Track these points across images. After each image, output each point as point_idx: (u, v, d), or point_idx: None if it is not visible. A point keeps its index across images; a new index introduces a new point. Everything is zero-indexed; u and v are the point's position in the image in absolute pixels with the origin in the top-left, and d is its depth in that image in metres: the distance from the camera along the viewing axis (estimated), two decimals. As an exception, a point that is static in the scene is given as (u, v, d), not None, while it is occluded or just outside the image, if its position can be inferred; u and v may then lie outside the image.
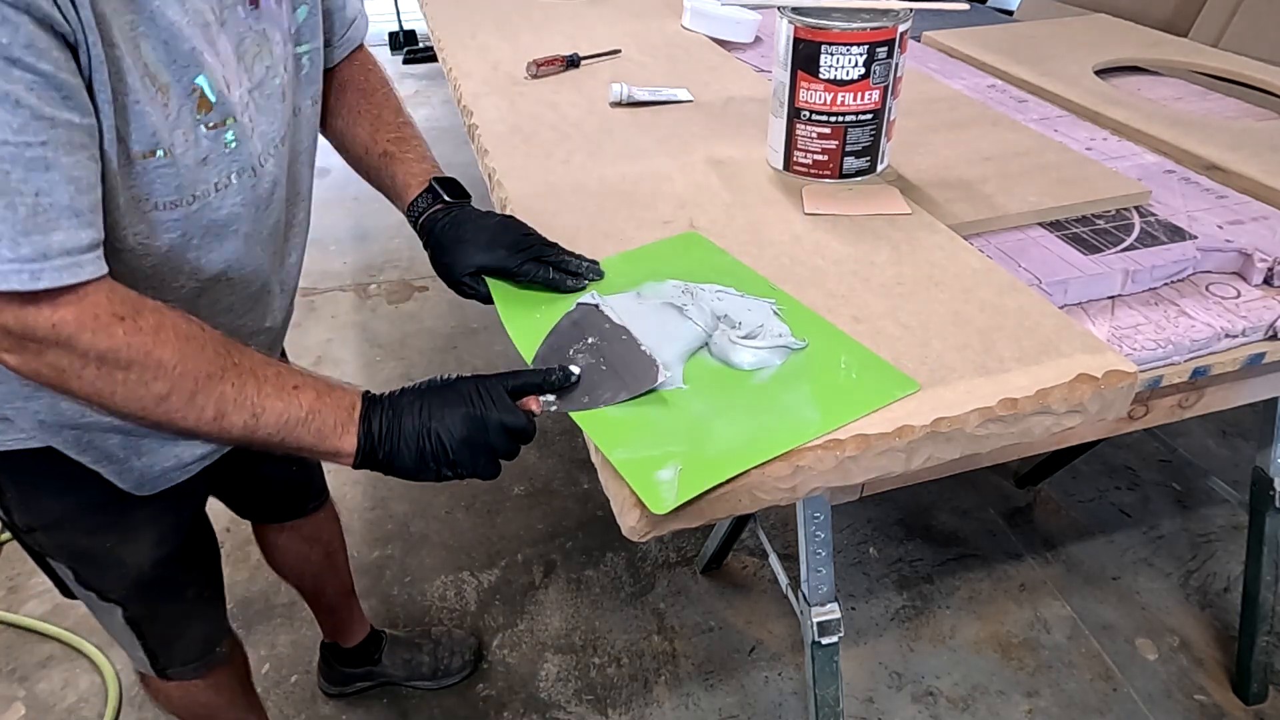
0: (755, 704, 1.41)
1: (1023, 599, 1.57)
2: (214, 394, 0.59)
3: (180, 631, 0.95)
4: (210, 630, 0.99)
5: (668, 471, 0.61)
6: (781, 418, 0.65)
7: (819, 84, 0.97)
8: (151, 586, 0.88)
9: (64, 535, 0.81)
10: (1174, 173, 1.13)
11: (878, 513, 1.76)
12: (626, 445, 0.64)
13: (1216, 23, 2.15)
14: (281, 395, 0.61)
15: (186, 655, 0.97)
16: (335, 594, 1.33)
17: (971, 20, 1.95)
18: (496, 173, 1.06)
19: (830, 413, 0.65)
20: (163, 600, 0.91)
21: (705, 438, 0.64)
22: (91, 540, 0.82)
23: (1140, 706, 1.38)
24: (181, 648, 0.96)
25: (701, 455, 0.62)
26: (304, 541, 1.23)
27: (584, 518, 1.76)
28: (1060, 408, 0.69)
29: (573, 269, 0.80)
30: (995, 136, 1.17)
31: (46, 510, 0.79)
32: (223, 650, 1.01)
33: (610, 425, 0.66)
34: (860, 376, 0.69)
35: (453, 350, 2.30)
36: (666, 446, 0.63)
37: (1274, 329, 0.87)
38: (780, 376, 0.69)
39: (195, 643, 0.98)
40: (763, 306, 0.77)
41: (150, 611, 0.90)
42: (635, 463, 0.62)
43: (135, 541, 0.84)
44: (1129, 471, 1.85)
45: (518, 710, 1.41)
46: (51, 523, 0.80)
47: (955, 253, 0.87)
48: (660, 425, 0.65)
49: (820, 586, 0.95)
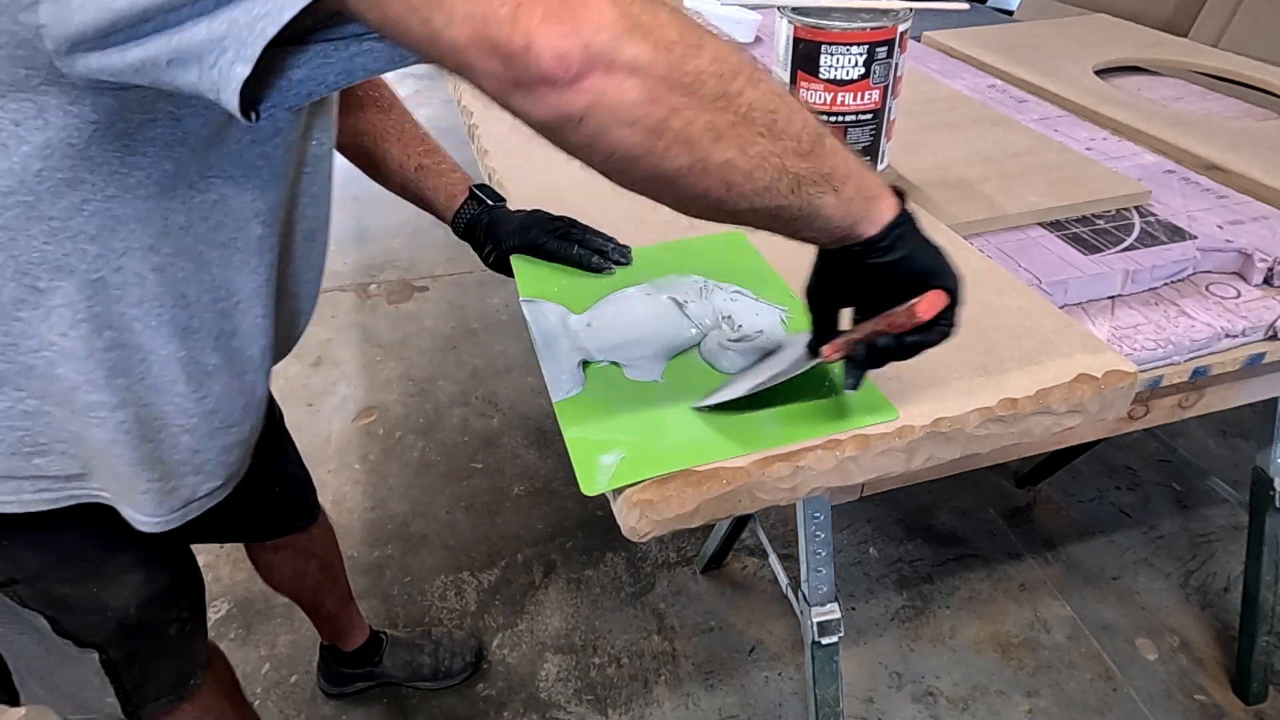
0: (755, 704, 1.41)
1: (1023, 599, 1.57)
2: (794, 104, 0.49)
3: (156, 670, 0.89)
4: (185, 665, 0.93)
5: (610, 457, 0.62)
6: (741, 425, 0.65)
7: (819, 84, 0.97)
8: (135, 628, 0.83)
9: (45, 585, 0.76)
10: (1174, 173, 1.13)
11: (878, 513, 1.76)
12: (582, 426, 0.66)
13: (1216, 23, 2.15)
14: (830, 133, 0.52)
15: (159, 691, 0.91)
16: (334, 604, 1.32)
17: (971, 20, 1.95)
18: (496, 173, 1.06)
19: (792, 428, 0.65)
20: (145, 640, 0.85)
21: (658, 432, 0.65)
22: (74, 588, 0.77)
23: (1140, 706, 1.38)
24: (154, 686, 0.90)
25: (648, 447, 0.63)
26: (299, 557, 1.20)
27: (584, 518, 1.76)
28: (1060, 408, 0.69)
29: (597, 247, 0.84)
30: (995, 136, 1.17)
31: (25, 562, 0.74)
32: (196, 681, 0.95)
33: (576, 407, 0.68)
34: (840, 397, 0.68)
35: (453, 350, 2.30)
36: (617, 434, 0.65)
37: (1274, 329, 0.87)
38: None
39: (168, 680, 0.91)
40: (772, 313, 0.77)
41: (130, 653, 0.85)
42: (583, 443, 0.64)
43: (120, 584, 0.80)
44: (1129, 471, 1.85)
45: (518, 710, 1.41)
46: (31, 574, 0.75)
47: (955, 253, 0.87)
48: (621, 414, 0.67)
49: (820, 586, 0.95)
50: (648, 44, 0.41)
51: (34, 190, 0.54)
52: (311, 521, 1.18)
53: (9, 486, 0.67)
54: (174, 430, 0.68)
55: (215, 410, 0.70)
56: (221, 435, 0.72)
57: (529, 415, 2.04)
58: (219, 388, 0.69)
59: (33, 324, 0.59)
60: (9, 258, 0.56)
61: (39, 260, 0.57)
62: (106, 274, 0.59)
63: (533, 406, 2.07)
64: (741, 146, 0.46)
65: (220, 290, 0.65)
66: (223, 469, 0.75)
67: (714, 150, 0.45)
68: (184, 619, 0.89)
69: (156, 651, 0.88)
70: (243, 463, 0.78)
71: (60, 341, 0.60)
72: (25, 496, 0.68)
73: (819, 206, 0.51)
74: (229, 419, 0.72)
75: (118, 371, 0.63)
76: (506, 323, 2.41)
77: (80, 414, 0.64)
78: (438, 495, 1.83)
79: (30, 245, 0.56)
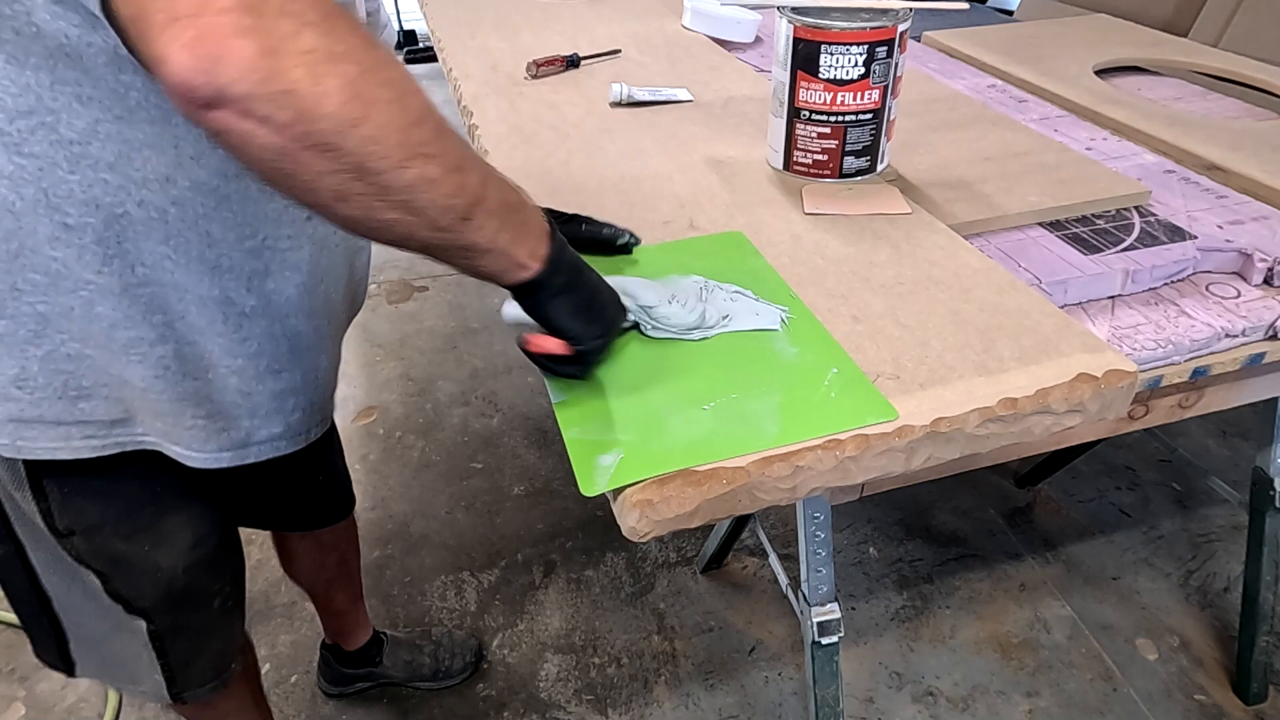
0: (755, 704, 1.41)
1: (1023, 599, 1.57)
2: (454, 138, 0.52)
3: (201, 648, 0.93)
4: (227, 646, 0.98)
5: (609, 457, 0.63)
6: (739, 425, 0.65)
7: (819, 84, 0.97)
8: (182, 594, 0.86)
9: (101, 539, 0.79)
10: (1174, 173, 1.13)
11: (878, 513, 1.76)
12: (581, 426, 0.66)
13: (1216, 23, 2.15)
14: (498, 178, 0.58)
15: (203, 676, 0.95)
16: (345, 600, 1.33)
17: (971, 20, 1.95)
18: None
19: (790, 428, 0.65)
20: (190, 610, 0.89)
21: (657, 432, 0.65)
22: (128, 545, 0.80)
23: (1140, 706, 1.38)
24: (199, 667, 0.94)
25: (646, 448, 0.63)
26: (321, 549, 1.22)
27: (584, 518, 1.76)
28: (1060, 407, 0.69)
29: (605, 237, 0.84)
30: (995, 136, 1.17)
31: (86, 513, 0.77)
32: (236, 666, 1.00)
33: (575, 407, 0.68)
34: (839, 396, 0.68)
35: (453, 350, 2.30)
36: (616, 434, 0.65)
37: (1274, 329, 0.87)
38: (759, 382, 0.70)
39: (212, 661, 0.96)
40: (772, 313, 0.77)
41: (176, 623, 0.88)
42: (583, 443, 0.64)
43: (171, 545, 0.83)
44: (1129, 471, 1.85)
45: (518, 710, 1.41)
46: (90, 526, 0.78)
47: (955, 252, 0.87)
48: (619, 413, 0.67)
49: (820, 586, 0.95)
50: (290, 104, 0.41)
51: (51, 109, 0.56)
52: (349, 513, 1.20)
53: (58, 432, 0.69)
54: (221, 371, 0.71)
55: (260, 353, 0.72)
56: (270, 379, 0.74)
57: (529, 415, 2.05)
58: (260, 330, 0.71)
59: (68, 262, 0.62)
60: (39, 191, 0.59)
61: (66, 194, 0.59)
62: (130, 208, 0.61)
63: (533, 406, 2.07)
64: (367, 212, 0.48)
65: (245, 228, 0.67)
66: (280, 416, 0.77)
67: (337, 207, 0.48)
68: (226, 592, 0.93)
69: (200, 627, 0.92)
70: (307, 419, 0.80)
71: (96, 279, 0.63)
72: (74, 443, 0.71)
73: (456, 264, 0.57)
74: (276, 363, 0.74)
75: (154, 308, 0.66)
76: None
77: (120, 353, 0.67)
78: (438, 495, 1.83)
79: (57, 175, 0.59)
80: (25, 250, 0.61)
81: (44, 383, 0.67)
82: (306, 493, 1.10)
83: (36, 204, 0.59)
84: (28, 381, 0.66)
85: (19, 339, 0.64)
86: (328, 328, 0.79)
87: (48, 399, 0.67)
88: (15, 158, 0.58)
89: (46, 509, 0.76)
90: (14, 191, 0.59)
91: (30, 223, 0.60)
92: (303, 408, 0.79)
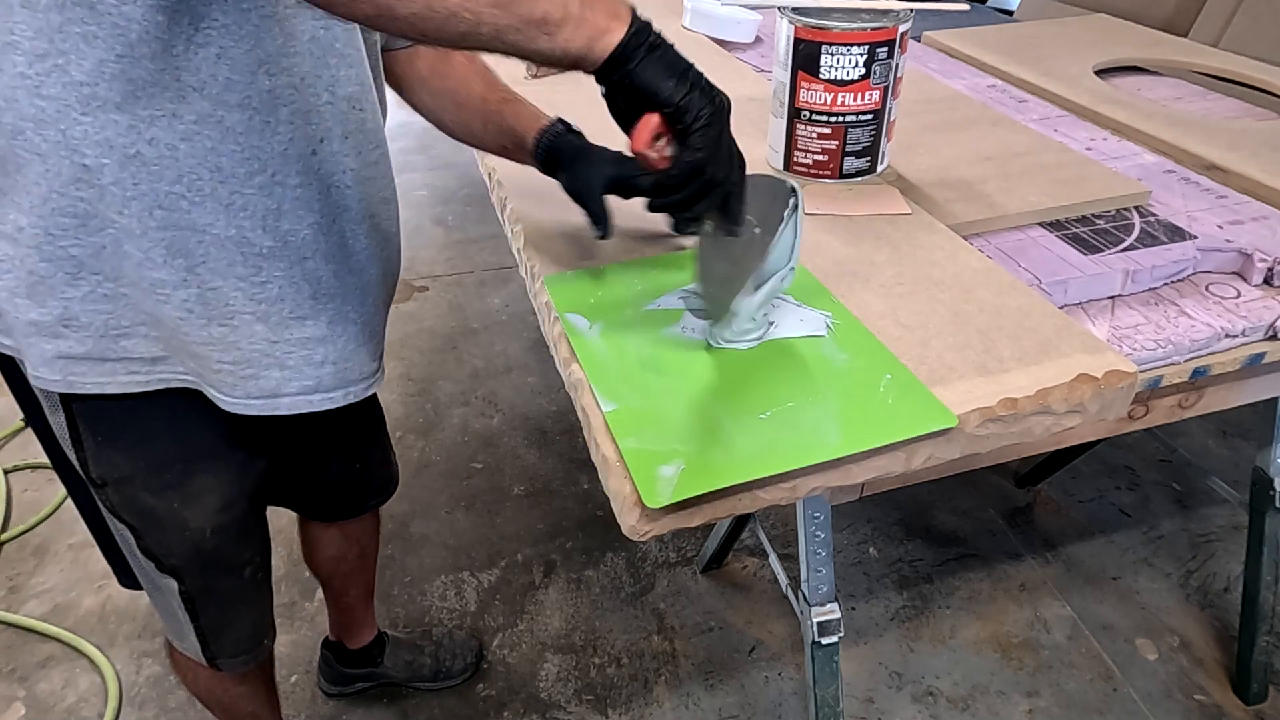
0: (755, 704, 1.41)
1: (1023, 599, 1.57)
2: None
3: (233, 616, 0.96)
4: (260, 619, 1.01)
5: (670, 468, 0.61)
6: (799, 434, 0.64)
7: (819, 84, 0.97)
8: (210, 557, 0.89)
9: (132, 491, 0.82)
10: (1174, 173, 1.13)
11: (878, 513, 1.76)
12: (638, 435, 0.64)
13: (1216, 23, 2.15)
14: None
15: (237, 647, 0.98)
16: (357, 596, 1.33)
17: (971, 20, 1.95)
18: (496, 173, 1.06)
19: (852, 436, 0.64)
20: (220, 574, 0.92)
21: (716, 442, 0.64)
22: (157, 500, 0.83)
23: (1140, 706, 1.38)
24: (233, 637, 0.97)
25: (708, 459, 0.62)
26: (345, 540, 1.23)
27: (584, 518, 1.76)
28: (1060, 408, 0.69)
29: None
30: (995, 136, 1.17)
31: (117, 464, 0.80)
32: (269, 644, 1.03)
33: (628, 415, 0.66)
34: (896, 403, 0.67)
35: (453, 350, 2.30)
36: (675, 444, 0.63)
37: (1274, 329, 0.87)
38: (814, 390, 0.69)
39: (246, 632, 0.99)
40: (816, 318, 0.77)
41: (206, 586, 0.91)
42: (641, 454, 0.63)
43: (199, 504, 0.85)
44: (1129, 471, 1.85)
45: (518, 710, 1.41)
46: (122, 478, 0.81)
47: (955, 253, 0.87)
48: (676, 422, 0.66)
49: (820, 586, 0.95)
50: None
51: (62, 50, 0.59)
52: (385, 499, 1.21)
53: (104, 369, 0.73)
54: (245, 318, 0.73)
55: (281, 298, 0.74)
56: (295, 326, 0.76)
57: (529, 415, 2.05)
58: (279, 273, 0.73)
59: (92, 203, 0.65)
60: (59, 133, 0.62)
61: (82, 135, 0.62)
62: (141, 147, 0.64)
63: (533, 406, 2.07)
64: (429, 3, 0.52)
65: (253, 162, 0.68)
66: (309, 368, 0.78)
67: (397, 5, 0.52)
68: (257, 563, 0.96)
69: (231, 594, 0.94)
70: (338, 376, 0.81)
71: (119, 219, 0.66)
72: (120, 378, 0.74)
73: (540, 48, 0.58)
74: (299, 309, 0.76)
75: (176, 251, 0.69)
76: (506, 323, 2.41)
77: (149, 292, 0.70)
78: (438, 495, 1.83)
79: (71, 117, 0.62)
80: (53, 193, 0.64)
81: (86, 321, 0.70)
82: (338, 479, 1.12)
83: (57, 146, 0.62)
84: (72, 320, 0.70)
85: (59, 280, 0.68)
86: (351, 278, 0.80)
87: (91, 337, 0.71)
88: (36, 100, 0.61)
89: (83, 459, 0.80)
90: (38, 134, 0.62)
91: (55, 165, 0.63)
92: (333, 361, 0.80)
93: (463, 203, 3.06)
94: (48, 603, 1.60)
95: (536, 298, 0.87)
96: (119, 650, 1.52)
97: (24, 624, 1.56)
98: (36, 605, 1.60)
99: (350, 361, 0.82)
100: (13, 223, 0.66)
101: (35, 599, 1.62)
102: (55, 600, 1.61)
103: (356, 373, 0.83)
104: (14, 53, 0.59)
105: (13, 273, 0.68)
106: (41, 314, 0.69)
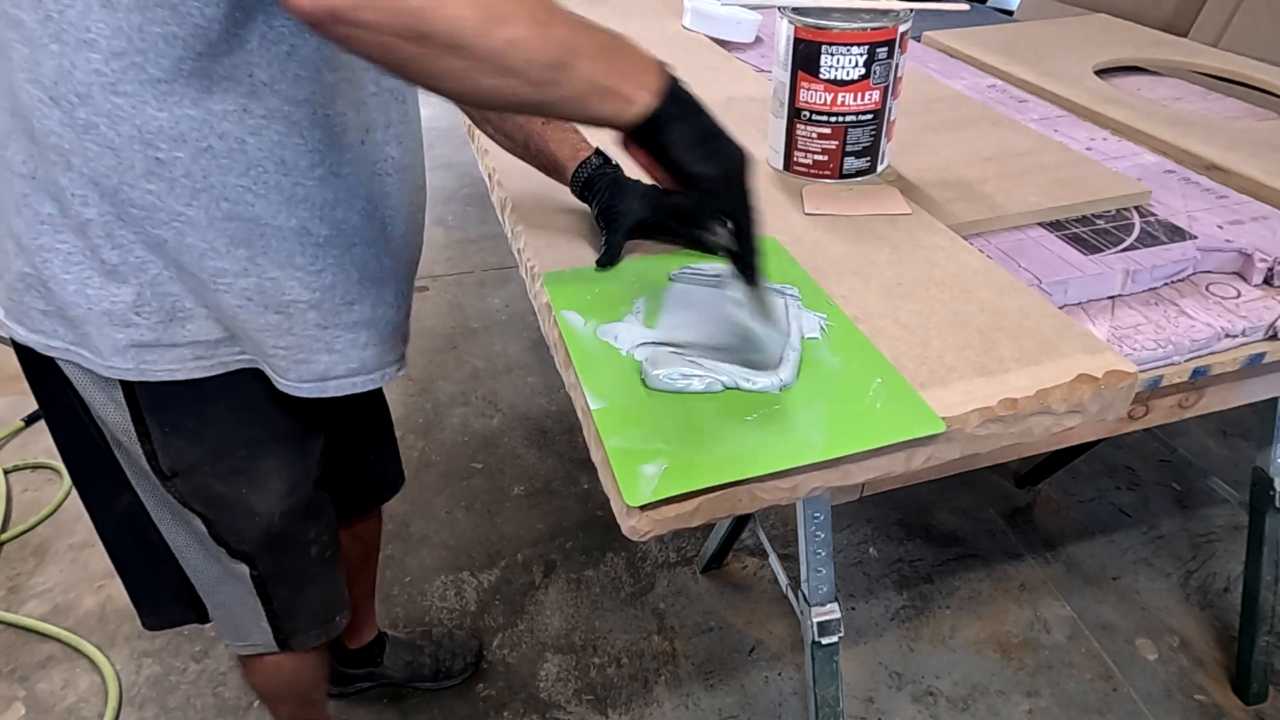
0: (755, 704, 1.41)
1: (1023, 599, 1.57)
2: None
3: (303, 595, 0.97)
4: (330, 596, 1.02)
5: (653, 467, 0.61)
6: (784, 436, 0.64)
7: (819, 84, 0.97)
8: (280, 540, 0.90)
9: (201, 479, 0.84)
10: (1174, 173, 1.13)
11: (878, 513, 1.76)
12: (623, 434, 0.65)
13: (1216, 23, 2.15)
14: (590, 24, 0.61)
15: (309, 622, 0.99)
16: (360, 594, 1.33)
17: (971, 20, 1.95)
18: (496, 173, 1.06)
19: (837, 440, 0.64)
20: (289, 556, 0.93)
21: (701, 442, 0.64)
22: (225, 486, 0.85)
23: (1140, 706, 1.38)
24: (305, 614, 0.98)
25: (691, 459, 0.62)
26: (351, 538, 1.23)
27: (584, 518, 1.76)
28: (1060, 408, 0.69)
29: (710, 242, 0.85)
30: (995, 136, 1.17)
31: (185, 454, 0.82)
32: (342, 620, 1.04)
33: (615, 414, 0.67)
34: (885, 407, 0.67)
35: (453, 350, 2.30)
36: (659, 443, 0.63)
37: (1274, 329, 0.87)
38: (800, 393, 0.69)
39: (317, 609, 1.00)
40: (811, 320, 0.77)
41: (277, 568, 0.92)
42: (625, 452, 0.63)
43: (265, 489, 0.87)
44: (1129, 471, 1.85)
45: (518, 710, 1.41)
46: (190, 466, 0.82)
47: (955, 253, 0.88)
48: (660, 422, 0.66)
49: (820, 586, 0.95)
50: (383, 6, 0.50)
51: (140, 49, 0.61)
52: (392, 496, 1.23)
53: (173, 355, 0.75)
54: (300, 305, 0.76)
55: (333, 285, 0.77)
56: (345, 312, 0.79)
57: (529, 415, 2.05)
58: (332, 260, 0.76)
59: (161, 195, 0.67)
60: (134, 128, 0.64)
61: (156, 130, 0.64)
62: (212, 140, 0.66)
63: (533, 406, 2.07)
64: (471, 83, 0.56)
65: (314, 155, 0.71)
66: (354, 351, 0.81)
67: (439, 84, 0.56)
68: (324, 542, 0.97)
69: (300, 574, 0.96)
70: (379, 355, 0.84)
71: (186, 211, 0.68)
72: (188, 364, 0.76)
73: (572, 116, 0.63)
74: (348, 295, 0.78)
75: (238, 242, 0.71)
76: (506, 323, 2.41)
77: (209, 280, 0.72)
78: (438, 495, 1.83)
79: (147, 113, 0.64)
80: (124, 185, 0.66)
81: (155, 307, 0.73)
82: (357, 470, 1.13)
83: (131, 140, 0.64)
84: (143, 308, 0.72)
85: (129, 268, 0.70)
86: (389, 261, 0.82)
87: (160, 324, 0.73)
88: (112, 96, 0.62)
89: (150, 451, 0.81)
90: (113, 129, 0.64)
91: (128, 158, 0.65)
92: (374, 343, 0.83)
93: (463, 203, 3.06)
94: (48, 603, 1.60)
95: (536, 298, 0.88)
96: (119, 650, 1.52)
97: (24, 624, 1.56)
98: (36, 605, 1.61)
99: (388, 344, 0.85)
100: (82, 215, 0.68)
101: (35, 599, 1.62)
102: (55, 600, 1.61)
103: (392, 354, 0.86)
104: (90, 50, 0.61)
105: (83, 264, 0.70)
106: (114, 303, 0.71)
